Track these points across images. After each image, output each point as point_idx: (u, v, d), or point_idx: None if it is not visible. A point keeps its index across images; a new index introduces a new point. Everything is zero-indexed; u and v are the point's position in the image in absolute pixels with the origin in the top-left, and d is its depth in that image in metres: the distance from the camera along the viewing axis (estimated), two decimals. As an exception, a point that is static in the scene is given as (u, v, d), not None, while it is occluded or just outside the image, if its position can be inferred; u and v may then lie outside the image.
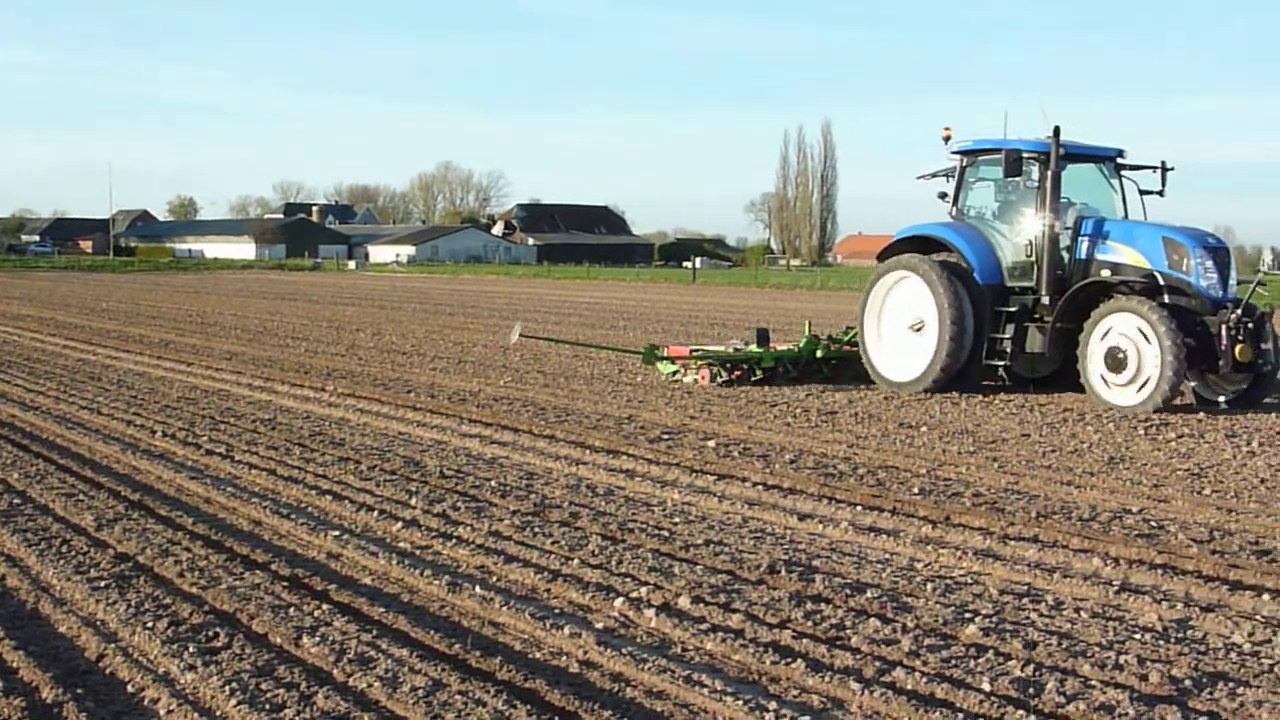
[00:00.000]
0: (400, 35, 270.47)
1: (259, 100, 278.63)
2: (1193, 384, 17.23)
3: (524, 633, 7.09)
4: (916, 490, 11.03)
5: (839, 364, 20.08)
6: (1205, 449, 13.62)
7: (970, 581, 8.23)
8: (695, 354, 19.77)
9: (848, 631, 7.08)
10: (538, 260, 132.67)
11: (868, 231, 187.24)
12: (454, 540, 9.12)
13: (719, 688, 6.15)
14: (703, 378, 18.96)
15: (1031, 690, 6.18)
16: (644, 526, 9.61)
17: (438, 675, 6.30)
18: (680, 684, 6.20)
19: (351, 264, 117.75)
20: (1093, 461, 12.67)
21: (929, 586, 8.04)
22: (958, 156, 19.35)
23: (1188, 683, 6.31)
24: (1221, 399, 17.19)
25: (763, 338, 20.28)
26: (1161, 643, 7.00)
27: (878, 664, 6.55)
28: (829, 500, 10.64)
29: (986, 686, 6.23)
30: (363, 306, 42.72)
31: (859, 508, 10.34)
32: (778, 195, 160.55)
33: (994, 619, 7.36)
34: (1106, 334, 16.76)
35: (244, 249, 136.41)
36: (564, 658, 6.68)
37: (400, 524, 9.60)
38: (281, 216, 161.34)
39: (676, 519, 9.93)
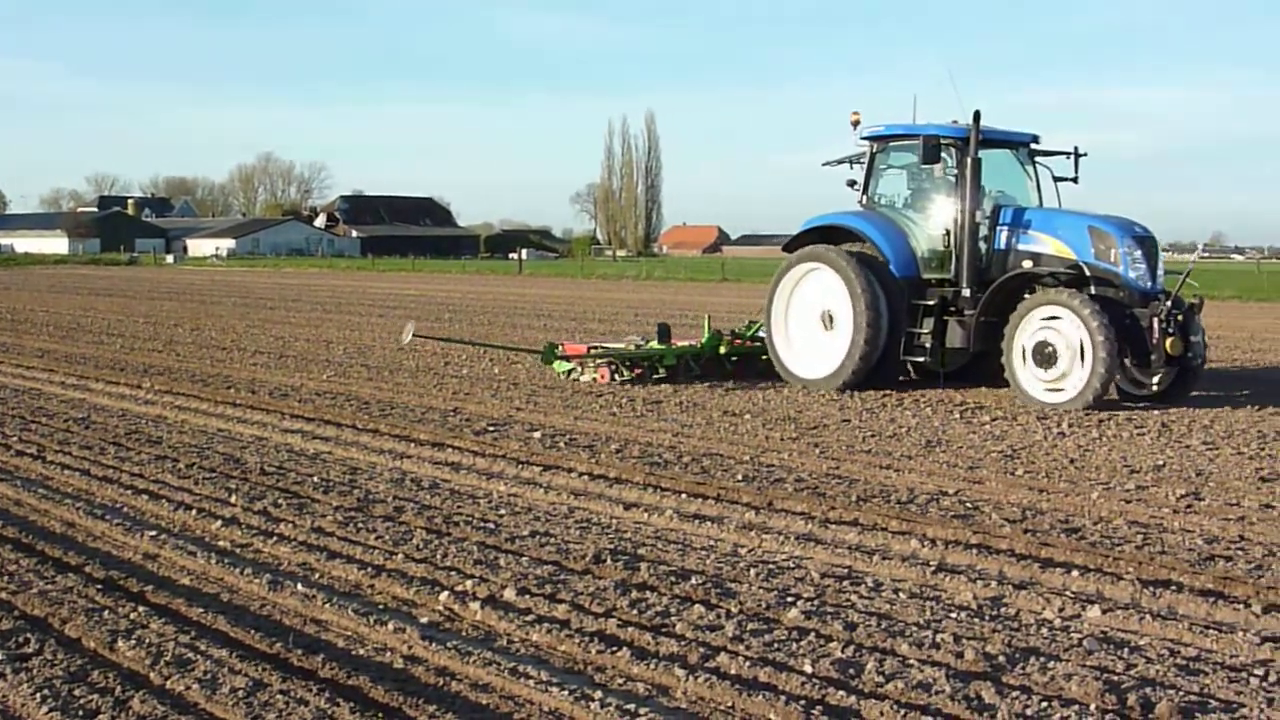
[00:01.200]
0: (215, 22, 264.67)
1: (68, 90, 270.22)
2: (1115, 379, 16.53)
3: (347, 629, 7.00)
4: (740, 477, 11.15)
5: (741, 360, 19.33)
6: (1018, 431, 14.01)
7: (792, 566, 8.35)
8: (594, 352, 18.90)
9: (672, 619, 7.13)
10: (362, 253, 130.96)
11: (692, 222, 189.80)
12: (275, 538, 8.96)
13: (545, 679, 6.14)
14: (602, 376, 18.10)
15: (852, 671, 6.29)
16: (469, 519, 9.55)
17: (258, 675, 6.18)
18: (506, 676, 6.18)
19: (169, 258, 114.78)
20: (911, 445, 12.95)
21: (752, 572, 8.13)
22: (867, 142, 18.55)
23: (1001, 659, 6.48)
24: (1144, 392, 16.59)
25: (664, 334, 19.41)
26: (976, 621, 7.18)
27: (702, 650, 6.60)
28: (654, 489, 10.70)
29: (808, 668, 6.32)
30: (181, 301, 41.74)
31: (684, 495, 10.42)
32: (603, 186, 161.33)
33: (815, 602, 7.48)
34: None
35: (56, 243, 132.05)
36: (388, 654, 6.61)
37: (220, 522, 9.40)
38: (96, 210, 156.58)
39: (502, 511, 9.90)
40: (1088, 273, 16.24)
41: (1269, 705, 5.88)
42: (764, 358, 18.90)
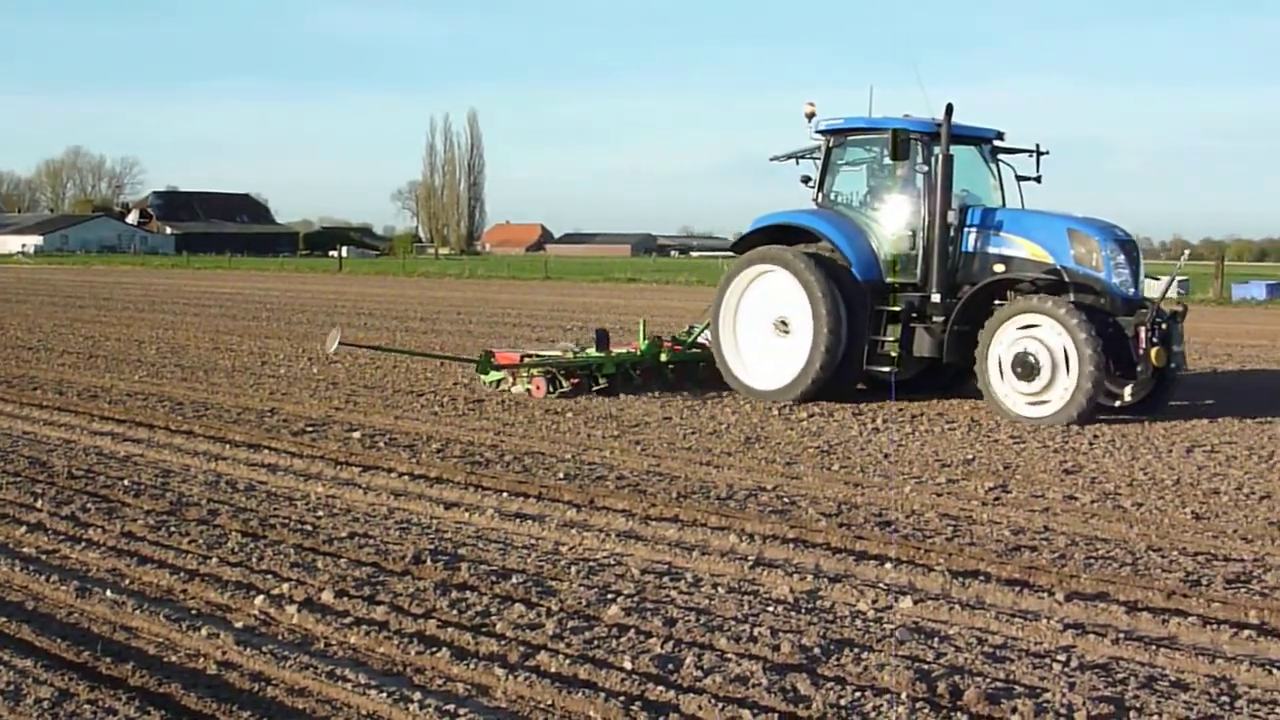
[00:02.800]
0: (19, 12, 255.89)
1: None
2: None
3: (159, 636, 6.84)
4: (562, 475, 11.16)
5: (680, 368, 18.05)
6: (834, 427, 14.28)
7: (613, 563, 8.39)
8: (529, 361, 17.20)
9: (493, 618, 7.11)
10: (176, 250, 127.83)
11: (516, 220, 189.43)
12: (83, 543, 8.71)
13: (363, 681, 6.08)
14: (537, 388, 16.49)
15: (671, 666, 6.34)
16: (286, 521, 9.41)
17: (65, 685, 6.01)
18: (323, 680, 6.10)
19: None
20: (730, 442, 13.10)
21: (573, 570, 8.16)
22: (822, 136, 17.27)
23: (817, 651, 6.60)
24: (1118, 403, 15.39)
25: (602, 340, 17.95)
26: (793, 614, 7.30)
27: (522, 649, 6.60)
28: (475, 488, 10.66)
29: (628, 665, 6.36)
30: (-16, 300, 40.31)
31: (505, 494, 10.40)
32: (425, 184, 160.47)
33: (636, 599, 7.53)
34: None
35: None
36: (201, 659, 6.47)
37: (25, 528, 9.11)
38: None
39: (320, 513, 9.77)
40: (1068, 278, 15.29)
41: (1071, 689, 6.08)
42: (702, 364, 17.97)
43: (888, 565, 8.31)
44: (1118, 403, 15.37)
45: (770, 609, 7.39)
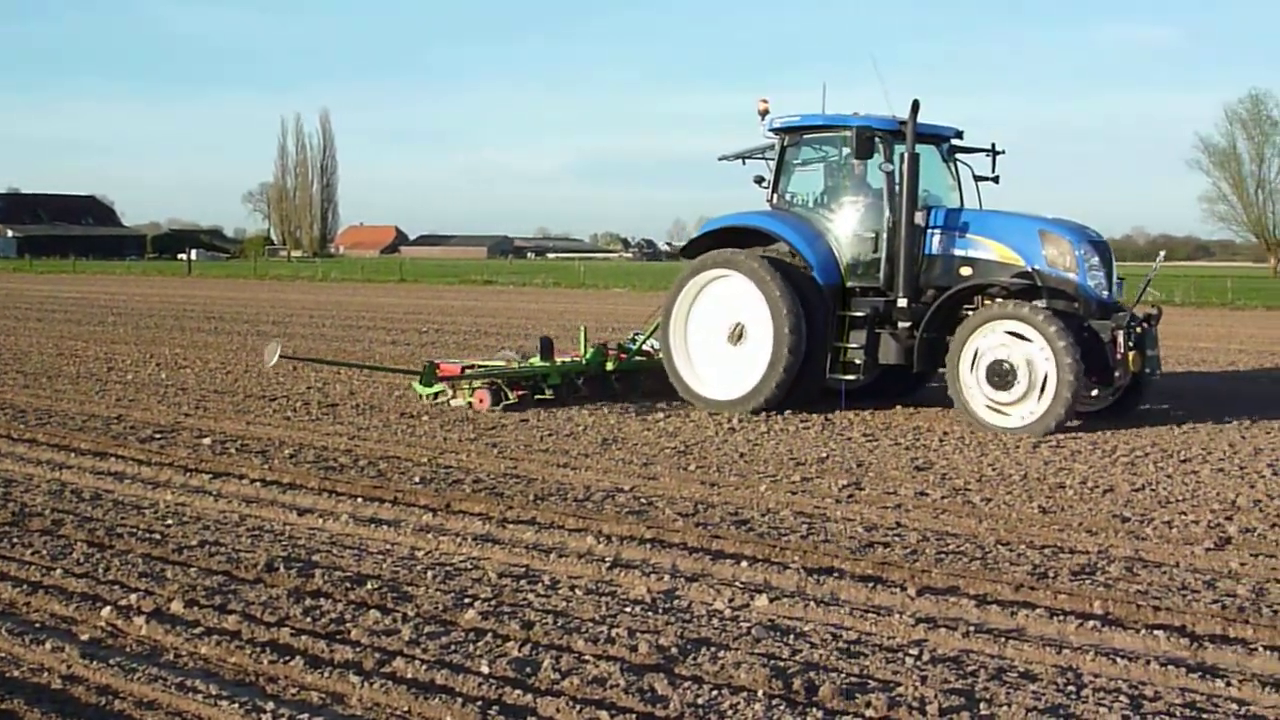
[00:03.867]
0: None
1: None
2: None
3: (1, 650, 6.63)
4: (418, 479, 11.07)
5: (625, 378, 17.20)
6: (690, 427, 14.35)
7: (470, 567, 8.34)
8: (471, 372, 16.08)
9: (348, 625, 7.02)
10: (18, 253, 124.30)
11: (370, 222, 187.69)
12: (-80, 557, 8.43)
13: (214, 692, 5.96)
14: (480, 401, 15.50)
15: (529, 669, 6.32)
16: (134, 531, 9.19)
17: (-100, 704, 5.81)
18: (173, 692, 5.97)
19: None
20: (587, 443, 13.10)
21: (429, 574, 8.09)
22: (776, 135, 16.60)
23: (674, 650, 6.62)
24: (1085, 408, 15.05)
25: (546, 349, 16.74)
26: (650, 614, 7.32)
27: (378, 655, 6.52)
28: (329, 494, 10.52)
29: (485, 669, 6.32)
30: None
31: (360, 499, 10.28)
32: (276, 185, 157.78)
33: (493, 602, 7.49)
34: (985, 345, 14.52)
35: None
36: (45, 674, 6.29)
37: None
38: None
39: (169, 521, 9.56)
40: (1041, 281, 14.82)
41: (923, 683, 6.18)
42: (642, 375, 17.23)
43: (744, 564, 8.37)
44: (1084, 407, 14.95)
45: (628, 609, 7.40)
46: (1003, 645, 6.79)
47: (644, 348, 17.66)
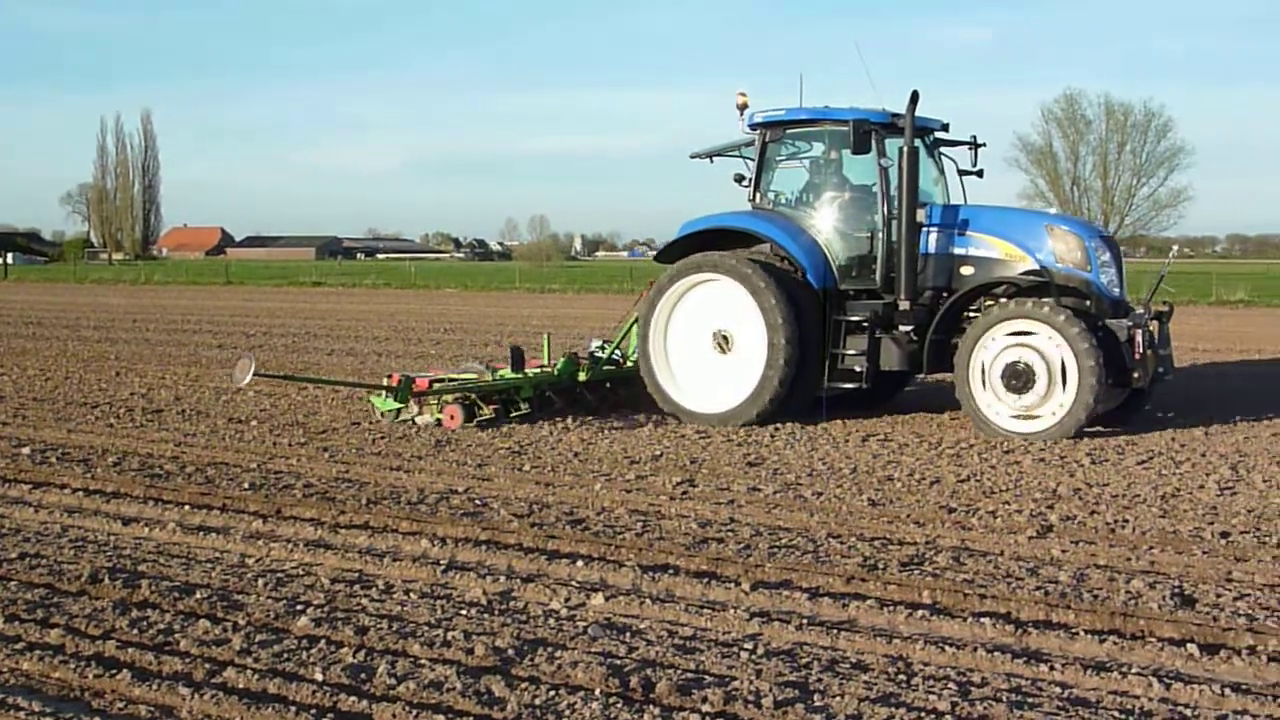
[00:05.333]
0: None
1: None
2: None
3: None
4: (247, 485, 10.86)
5: (597, 389, 16.17)
6: (525, 428, 14.30)
7: (302, 573, 8.21)
8: (441, 386, 14.77)
9: (176, 635, 6.86)
10: None
11: (194, 224, 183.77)
12: None
13: (37, 709, 5.78)
14: (451, 418, 14.19)
15: (363, 675, 6.24)
16: (-51, 544, 8.87)
17: None
18: (-8, 710, 5.78)
19: None
20: (420, 446, 12.99)
21: (260, 582, 7.94)
22: (757, 130, 15.66)
23: (511, 651, 6.60)
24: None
25: (518, 359, 15.58)
26: (486, 616, 7.29)
27: (208, 666, 6.39)
28: (155, 502, 10.28)
29: (319, 677, 6.23)
30: None
31: (187, 507, 10.06)
32: (96, 186, 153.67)
33: (326, 608, 7.38)
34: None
35: None
36: None
37: None
38: None
39: (-14, 533, 9.25)
40: (1054, 279, 14.10)
41: (758, 676, 6.25)
42: (608, 385, 16.29)
43: (579, 563, 8.38)
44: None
45: (463, 612, 7.36)
46: (835, 637, 6.90)
47: (615, 357, 16.58)
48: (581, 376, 15.85)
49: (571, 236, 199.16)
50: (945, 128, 15.87)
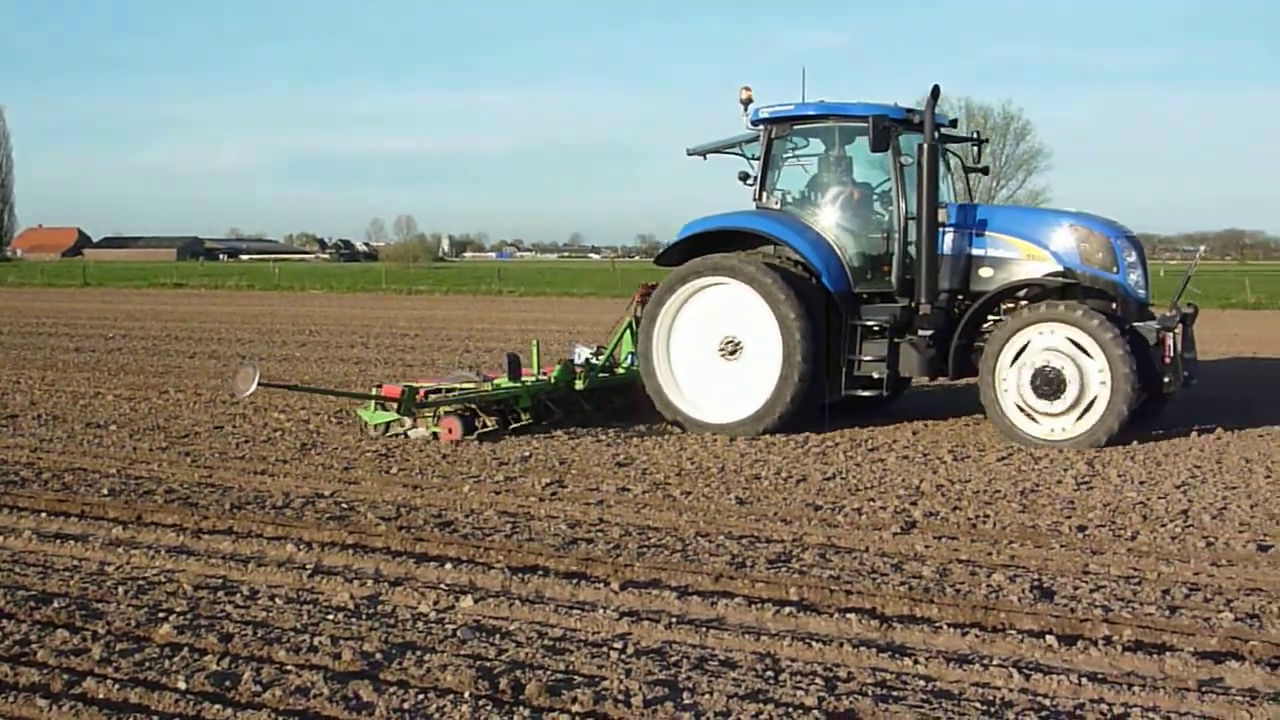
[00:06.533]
0: None
1: None
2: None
3: None
4: (106, 491, 10.64)
5: (596, 397, 15.51)
6: (394, 430, 14.16)
7: (164, 580, 8.05)
8: (437, 397, 13.96)
9: (34, 646, 6.69)
10: None
11: (50, 224, 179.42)
12: None
13: (-115, 725, 5.62)
14: (450, 431, 13.39)
15: (228, 683, 6.15)
16: None
17: None
18: None
19: None
20: (286, 449, 12.83)
21: (121, 589, 7.78)
22: (762, 126, 15.08)
23: (379, 656, 6.54)
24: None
25: (515, 367, 14.56)
26: (354, 620, 7.22)
27: (67, 676, 6.23)
28: (10, 509, 10.00)
29: (182, 685, 6.12)
30: None
31: (44, 514, 9.81)
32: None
33: (189, 616, 7.25)
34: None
35: None
36: None
37: None
38: None
39: None
40: (1081, 281, 13.85)
41: (628, 675, 6.26)
42: (621, 394, 15.72)
43: (448, 565, 8.33)
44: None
45: (330, 617, 7.28)
46: (704, 635, 6.95)
47: (620, 365, 15.99)
48: (579, 385, 15.19)
49: (439, 237, 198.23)
50: (953, 124, 15.33)
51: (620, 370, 15.89)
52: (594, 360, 15.57)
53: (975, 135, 15.41)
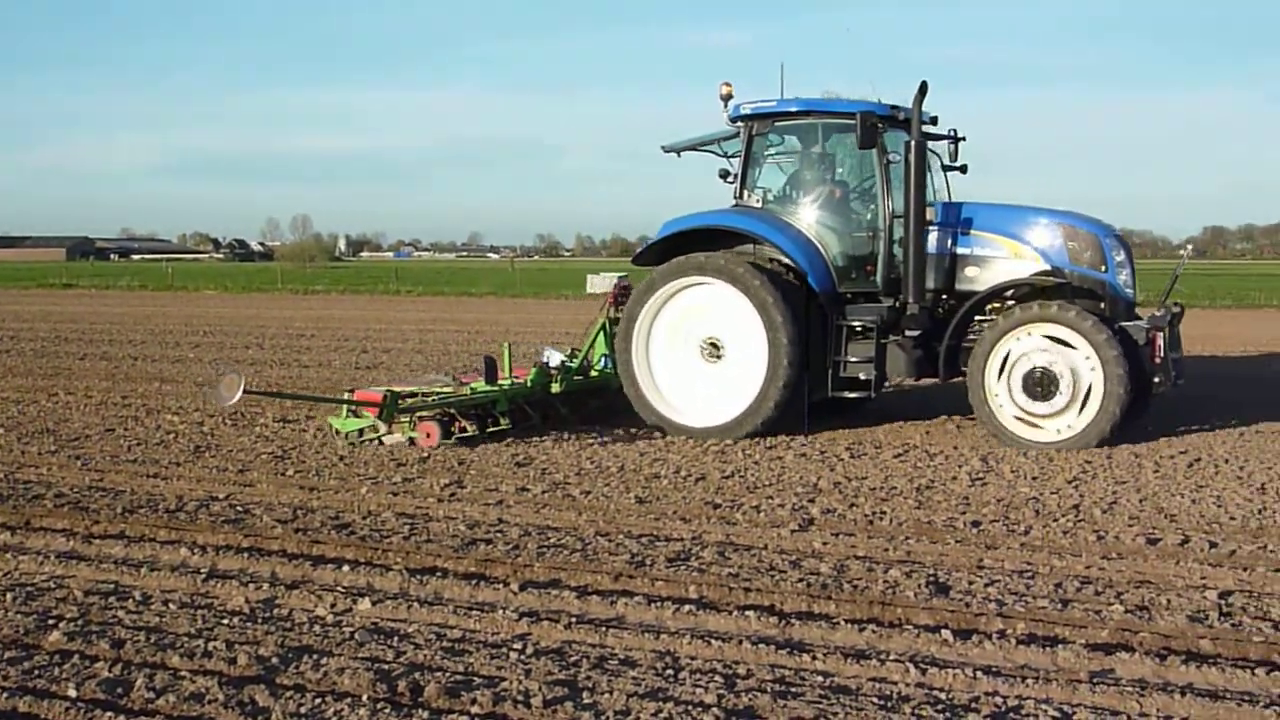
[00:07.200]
0: None
1: None
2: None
3: None
4: (-7, 496, 10.42)
5: (570, 401, 15.04)
6: (287, 432, 14.04)
7: (54, 586, 7.89)
8: (415, 401, 13.40)
9: (-83, 655, 6.54)
10: None
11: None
12: None
13: None
14: (428, 436, 13.06)
15: (121, 690, 6.04)
16: None
17: None
18: None
19: None
20: (179, 451, 12.64)
21: (9, 596, 7.61)
22: (743, 123, 14.75)
23: (275, 660, 6.46)
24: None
25: (491, 370, 14.33)
26: (250, 624, 7.12)
27: (-48, 686, 6.10)
28: (-107, 515, 9.77)
29: (73, 693, 6.00)
30: None
31: (-72, 520, 9.60)
32: None
33: (80, 622, 7.12)
34: (1020, 352, 13.33)
35: None
36: None
37: None
38: None
39: None
40: (1073, 281, 13.74)
41: (527, 676, 6.24)
42: (597, 396, 15.44)
43: (345, 568, 8.26)
44: None
45: (225, 621, 7.18)
46: (604, 634, 6.94)
47: (595, 367, 15.61)
48: (555, 388, 14.68)
49: (335, 237, 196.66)
50: (933, 121, 14.85)
51: (594, 373, 15.57)
52: (569, 363, 15.13)
53: (952, 133, 15.07)
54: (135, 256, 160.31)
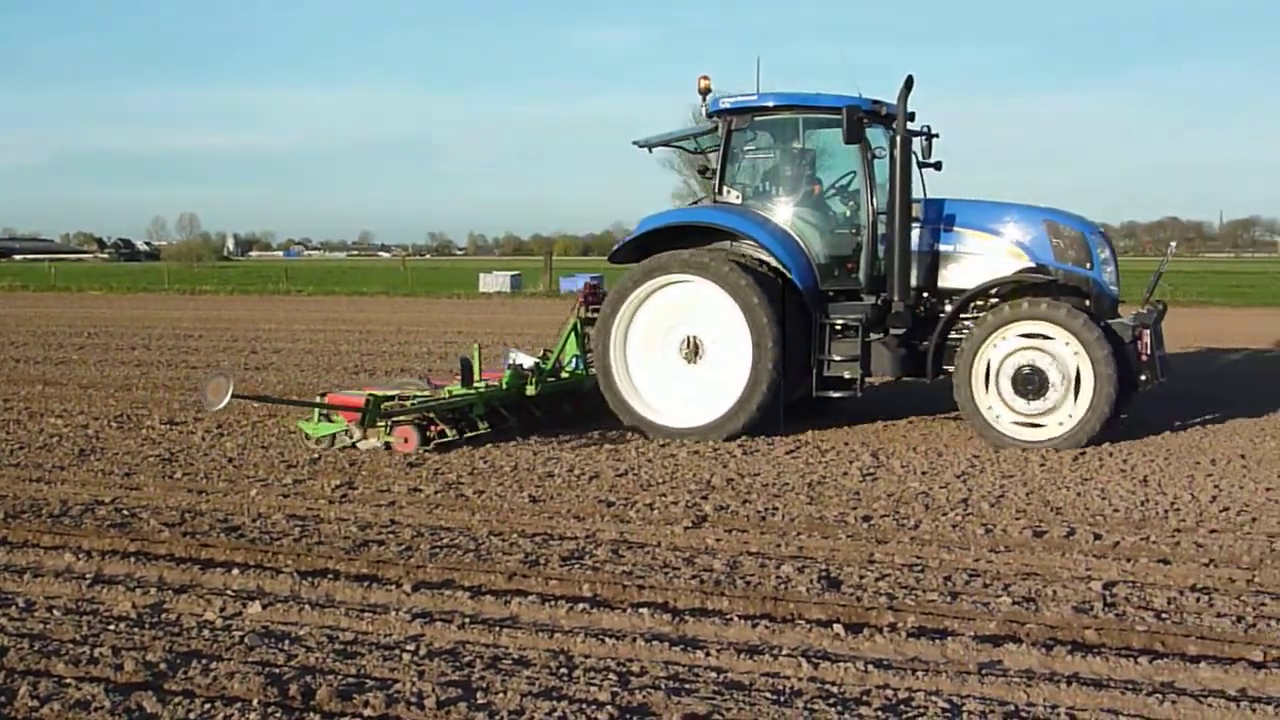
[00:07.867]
0: None
1: None
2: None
3: None
4: None
5: (545, 403, 14.66)
6: (175, 434, 13.83)
7: (-68, 594, 7.72)
8: (392, 405, 12.87)
9: None
10: None
11: None
12: None
13: None
14: (405, 441, 12.71)
15: (3, 698, 5.92)
16: None
17: None
18: None
19: None
20: (63, 455, 12.40)
21: (-115, 605, 7.44)
22: (721, 117, 14.44)
23: (163, 666, 6.37)
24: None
25: (468, 372, 13.81)
26: (136, 630, 7.01)
27: None
28: None
29: (-48, 703, 5.88)
30: None
31: None
32: None
33: (-40, 630, 6.97)
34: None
35: None
36: None
37: None
38: None
39: None
40: (1059, 279, 13.64)
41: (420, 677, 6.21)
42: (570, 399, 15.11)
43: (235, 571, 8.16)
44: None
45: (111, 627, 7.06)
46: (497, 634, 6.93)
47: (567, 368, 15.30)
48: (529, 390, 14.26)
49: (224, 236, 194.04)
50: (911, 117, 14.40)
51: (565, 374, 15.26)
52: (542, 365, 14.78)
53: (926, 130, 14.70)
54: (17, 256, 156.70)
